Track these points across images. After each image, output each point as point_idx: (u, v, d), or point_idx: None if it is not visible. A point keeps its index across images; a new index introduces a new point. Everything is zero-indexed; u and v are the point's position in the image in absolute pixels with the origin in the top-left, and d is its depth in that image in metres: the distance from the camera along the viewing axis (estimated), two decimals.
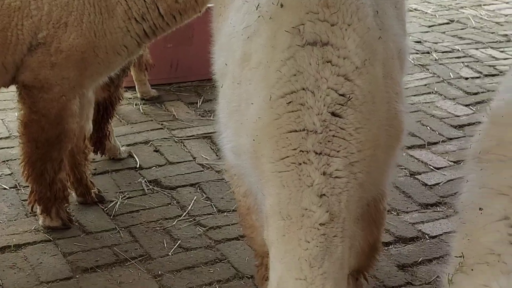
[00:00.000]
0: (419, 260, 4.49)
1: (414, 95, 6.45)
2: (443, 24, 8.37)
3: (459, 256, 2.56)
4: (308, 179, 2.69)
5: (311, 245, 2.61)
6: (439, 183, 5.25)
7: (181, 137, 5.78)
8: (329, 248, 2.64)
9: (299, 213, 2.65)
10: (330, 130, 2.74)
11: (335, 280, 2.62)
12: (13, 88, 4.49)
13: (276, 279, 2.66)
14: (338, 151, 2.73)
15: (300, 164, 2.71)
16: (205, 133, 5.81)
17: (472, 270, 2.50)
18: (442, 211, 4.96)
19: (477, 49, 7.59)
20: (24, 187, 4.93)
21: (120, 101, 5.31)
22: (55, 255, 4.44)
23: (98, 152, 5.28)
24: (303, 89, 2.78)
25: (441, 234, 4.73)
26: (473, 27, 8.23)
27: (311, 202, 2.66)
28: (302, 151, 2.72)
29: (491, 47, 7.64)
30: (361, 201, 2.90)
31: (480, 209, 2.57)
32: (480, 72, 6.97)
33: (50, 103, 4.27)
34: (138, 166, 5.38)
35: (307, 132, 2.74)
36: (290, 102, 2.78)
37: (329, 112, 2.75)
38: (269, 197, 2.77)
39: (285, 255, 2.64)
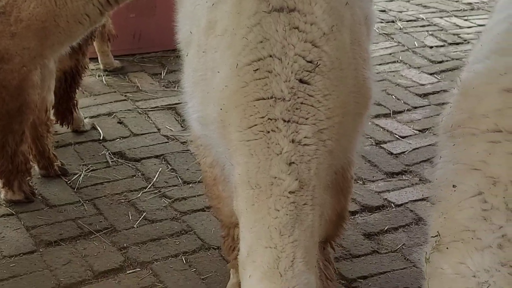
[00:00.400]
0: (385, 229, 4.51)
1: (379, 64, 6.44)
2: None
3: (435, 235, 2.55)
4: (277, 147, 2.65)
5: (280, 213, 2.58)
6: (405, 151, 5.26)
7: (145, 108, 5.70)
8: (299, 216, 2.61)
9: (268, 181, 2.62)
10: (298, 97, 2.70)
11: (305, 248, 2.59)
12: None
13: (246, 248, 2.62)
14: (306, 118, 2.70)
15: (269, 132, 2.67)
16: (169, 104, 5.74)
17: (447, 248, 2.50)
18: (407, 179, 4.98)
19: (441, 17, 7.60)
20: None
21: (86, 69, 5.21)
22: (18, 229, 4.36)
23: (65, 124, 5.18)
24: (270, 56, 2.74)
25: (406, 203, 4.75)
26: None
27: (280, 170, 2.63)
28: (270, 119, 2.69)
29: (455, 16, 7.66)
30: (330, 169, 2.88)
31: (453, 186, 2.56)
32: (445, 41, 6.98)
33: (11, 74, 4.18)
34: (101, 138, 5.30)
35: (275, 99, 2.70)
36: (257, 69, 2.74)
37: (297, 79, 2.71)
38: (237, 166, 2.73)
39: (255, 224, 2.60)
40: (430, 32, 7.14)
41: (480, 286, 2.37)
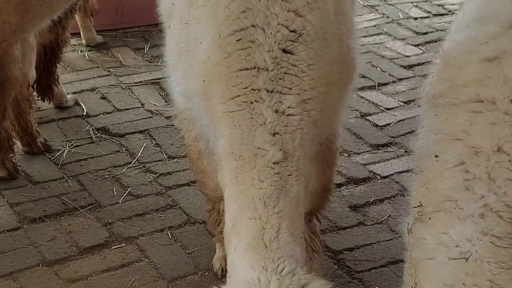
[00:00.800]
0: (371, 200, 4.51)
1: (364, 36, 6.39)
2: None
3: (418, 206, 2.55)
4: (260, 118, 2.62)
5: (265, 184, 2.56)
6: (390, 123, 5.25)
7: (128, 83, 5.65)
8: (284, 187, 2.59)
9: (252, 152, 2.59)
10: (281, 67, 2.67)
11: (291, 219, 2.57)
12: None
13: (231, 220, 2.61)
14: (290, 89, 2.67)
15: (252, 102, 2.64)
16: (153, 79, 5.69)
17: (429, 218, 2.49)
18: (393, 151, 4.97)
19: None
20: None
21: (67, 44, 5.14)
22: (2, 206, 4.33)
23: (46, 99, 5.13)
24: (253, 26, 2.70)
25: (392, 174, 4.75)
26: None
27: (264, 141, 2.60)
28: (254, 90, 2.66)
29: None
30: (315, 140, 2.86)
31: (436, 156, 2.55)
32: (429, 12, 6.94)
33: None
34: (85, 114, 5.25)
35: (258, 70, 2.67)
36: (239, 39, 2.70)
37: (280, 49, 2.68)
38: (221, 138, 2.70)
39: (239, 195, 2.58)
40: (414, 4, 7.09)
41: (463, 256, 2.37)
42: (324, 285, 2.46)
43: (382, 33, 6.52)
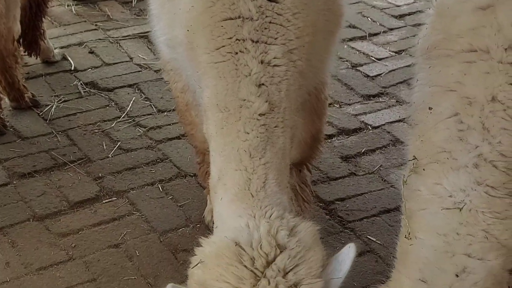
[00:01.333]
0: (362, 151, 4.50)
1: None
2: None
3: (412, 159, 2.53)
4: (246, 69, 2.59)
5: (250, 136, 2.54)
6: (381, 73, 5.22)
7: (116, 37, 5.59)
8: (270, 138, 2.57)
9: (237, 104, 2.57)
10: (266, 16, 2.63)
11: (277, 170, 2.56)
12: None
13: (217, 172, 2.59)
14: (275, 38, 2.63)
15: (237, 53, 2.60)
16: (141, 33, 5.62)
17: (424, 170, 2.49)
18: (384, 101, 4.95)
19: None
20: None
21: None
22: None
23: (33, 54, 5.06)
24: None
25: (383, 124, 4.74)
26: None
27: (250, 92, 2.57)
28: (238, 40, 2.62)
29: None
30: (301, 90, 2.83)
31: (429, 108, 2.52)
32: None
33: None
34: (73, 68, 5.20)
35: (242, 19, 2.62)
36: None
37: None
38: (206, 89, 2.67)
39: (225, 147, 2.56)
40: None
41: (456, 206, 2.37)
42: (312, 226, 2.47)
43: None
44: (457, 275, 2.33)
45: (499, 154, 2.37)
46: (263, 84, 2.60)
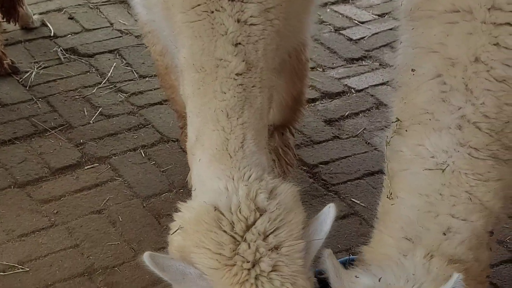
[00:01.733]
0: (346, 114, 4.49)
1: None
2: None
3: (396, 120, 2.52)
4: (222, 28, 2.54)
5: (227, 96, 2.50)
6: (364, 37, 5.18)
7: (96, 2, 5.50)
8: (248, 98, 2.54)
9: (213, 63, 2.53)
10: None
11: (256, 130, 2.53)
12: None
13: (195, 132, 2.56)
14: None
15: (213, 12, 2.55)
16: None
17: (406, 131, 2.47)
18: (367, 64, 4.93)
19: None
20: None
21: None
22: None
23: (12, 21, 4.99)
24: None
25: (367, 88, 4.72)
26: None
27: (226, 52, 2.53)
28: None
29: None
30: (279, 50, 2.79)
31: (412, 70, 2.50)
32: None
33: None
34: (52, 34, 5.13)
35: None
36: None
37: None
38: (182, 49, 2.63)
39: (202, 108, 2.53)
40: None
41: (439, 167, 2.36)
42: (292, 188, 2.44)
43: None
44: (444, 234, 2.32)
45: (483, 115, 2.35)
46: (239, 43, 2.55)
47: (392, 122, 2.57)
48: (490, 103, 2.35)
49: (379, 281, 2.24)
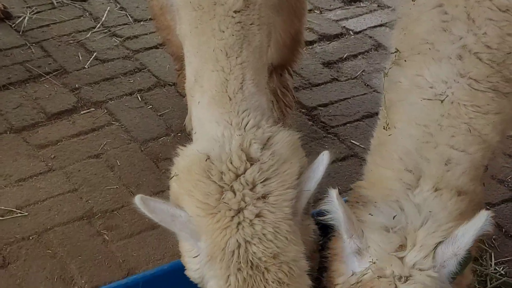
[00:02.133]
0: (344, 56, 4.43)
1: None
2: None
3: (395, 51, 2.44)
4: None
5: (226, 34, 2.44)
6: None
7: None
8: (246, 36, 2.47)
9: (211, 1, 2.46)
10: None
11: (255, 69, 2.47)
12: None
13: (193, 73, 2.50)
14: None
15: None
16: None
17: (405, 61, 2.39)
18: (365, 6, 4.86)
19: None
20: None
21: None
22: None
23: None
24: None
25: (365, 29, 4.66)
26: None
27: None
28: None
29: None
30: None
31: (413, 0, 2.43)
32: None
33: None
34: None
35: None
36: None
37: None
38: None
39: (200, 47, 2.47)
40: None
41: (438, 97, 2.29)
42: (290, 136, 2.38)
43: None
44: (446, 164, 2.28)
45: (484, 45, 2.28)
46: None
47: (391, 53, 2.51)
48: (492, 33, 2.28)
49: (393, 218, 2.20)
